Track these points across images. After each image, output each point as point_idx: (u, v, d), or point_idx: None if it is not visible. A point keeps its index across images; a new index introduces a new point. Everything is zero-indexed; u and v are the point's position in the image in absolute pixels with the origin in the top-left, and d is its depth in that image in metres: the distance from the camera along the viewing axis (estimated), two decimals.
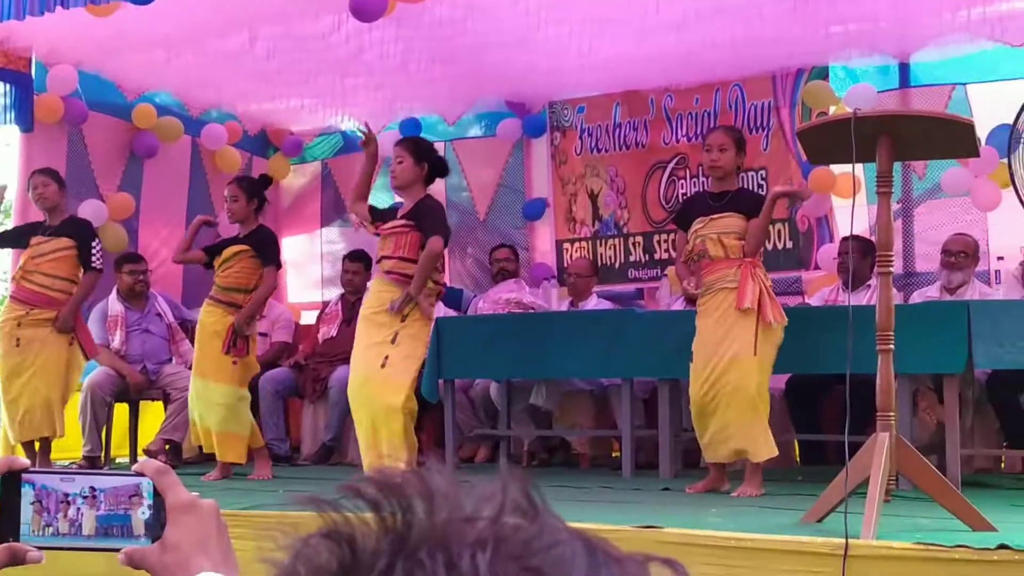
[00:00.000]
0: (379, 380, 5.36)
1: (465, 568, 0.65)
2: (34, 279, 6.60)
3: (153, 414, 7.68)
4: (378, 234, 5.64)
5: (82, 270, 6.67)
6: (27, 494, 1.13)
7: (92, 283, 6.73)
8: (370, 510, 0.69)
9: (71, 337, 6.61)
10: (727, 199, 5.33)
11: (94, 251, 6.67)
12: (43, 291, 6.59)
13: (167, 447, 7.16)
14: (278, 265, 6.53)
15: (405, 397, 5.35)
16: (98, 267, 6.69)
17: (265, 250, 6.33)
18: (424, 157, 5.54)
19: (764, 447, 5.11)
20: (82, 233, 6.70)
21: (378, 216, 5.72)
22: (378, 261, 5.67)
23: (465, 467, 6.29)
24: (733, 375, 5.08)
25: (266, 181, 6.71)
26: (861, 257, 6.39)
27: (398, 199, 6.22)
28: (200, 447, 6.75)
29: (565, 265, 8.34)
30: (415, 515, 0.68)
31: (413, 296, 5.37)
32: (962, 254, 6.45)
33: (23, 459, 1.16)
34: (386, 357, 5.34)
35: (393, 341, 5.37)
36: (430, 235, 5.40)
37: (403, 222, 5.49)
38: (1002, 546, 3.40)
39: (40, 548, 1.12)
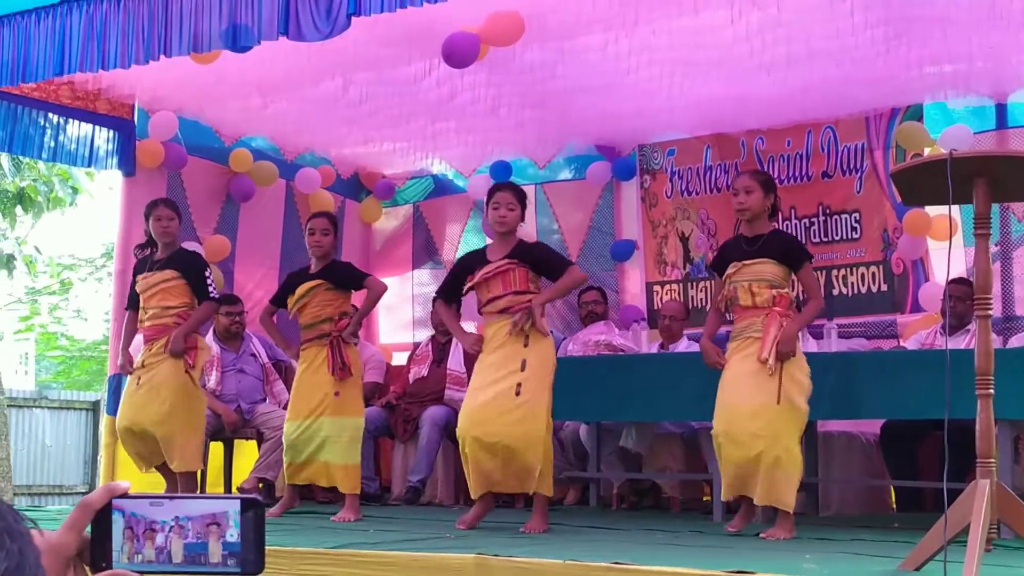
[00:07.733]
0: (516, 409, 5.31)
1: None
2: (148, 315, 6.40)
3: (247, 453, 7.80)
4: (470, 287, 5.63)
5: (195, 300, 6.42)
6: (118, 521, 1.17)
7: (207, 312, 6.51)
8: None
9: (185, 364, 6.34)
10: (760, 243, 5.33)
11: (209, 282, 6.44)
12: (157, 323, 6.37)
13: (260, 485, 7.25)
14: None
15: (545, 424, 5.34)
16: (215, 296, 6.51)
17: (351, 277, 6.29)
18: (525, 207, 5.71)
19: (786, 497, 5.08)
20: (192, 264, 6.46)
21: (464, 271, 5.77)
22: (485, 305, 5.57)
23: (555, 509, 6.25)
24: (757, 424, 5.08)
25: None
26: (966, 301, 6.21)
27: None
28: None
29: (655, 307, 8.31)
30: None
31: (533, 310, 5.36)
32: None
33: (123, 484, 1.19)
34: (519, 384, 5.32)
35: (522, 368, 5.36)
36: (566, 265, 5.65)
37: (507, 261, 5.50)
38: None
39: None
